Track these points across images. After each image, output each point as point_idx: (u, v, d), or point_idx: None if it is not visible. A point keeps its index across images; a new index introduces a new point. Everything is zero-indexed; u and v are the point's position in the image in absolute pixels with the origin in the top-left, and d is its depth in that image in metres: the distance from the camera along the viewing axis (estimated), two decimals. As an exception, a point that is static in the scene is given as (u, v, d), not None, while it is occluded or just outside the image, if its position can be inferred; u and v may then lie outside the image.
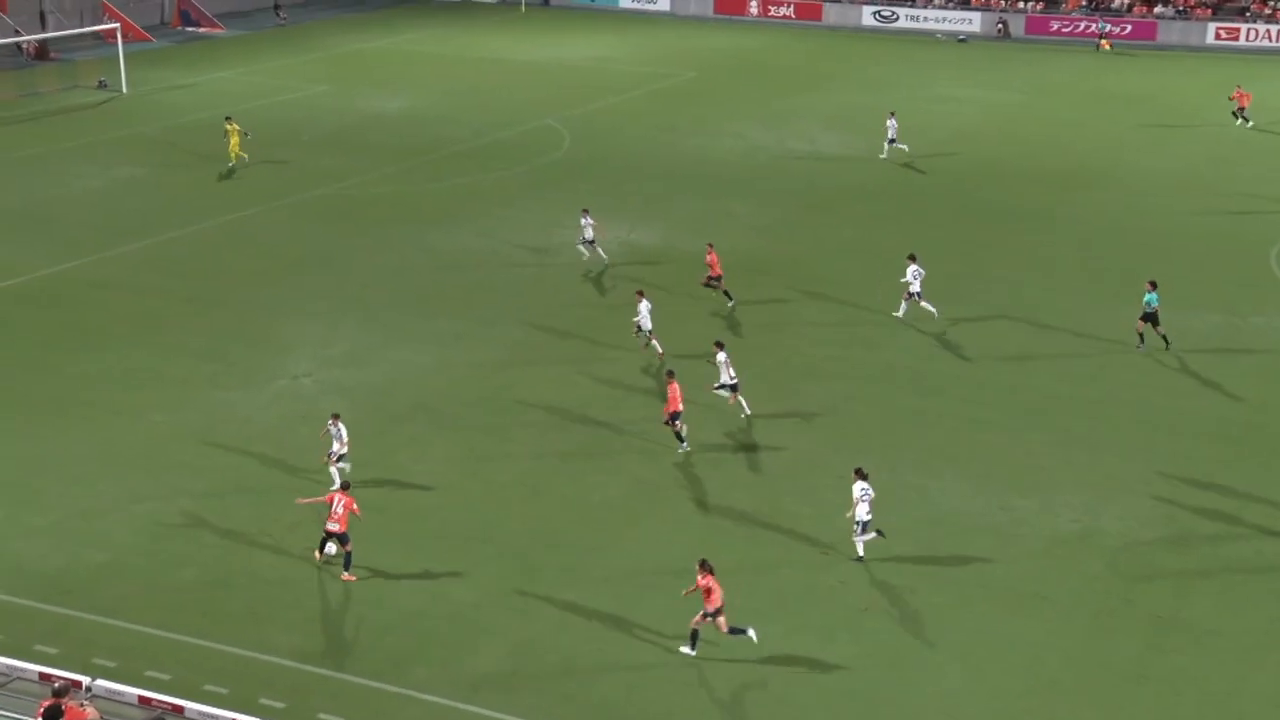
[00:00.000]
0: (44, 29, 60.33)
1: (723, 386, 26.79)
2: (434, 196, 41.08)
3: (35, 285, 32.72)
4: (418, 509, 23.45)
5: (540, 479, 24.58)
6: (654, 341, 29.42)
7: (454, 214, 39.26)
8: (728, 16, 75.36)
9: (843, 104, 54.58)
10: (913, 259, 31.66)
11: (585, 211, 35.51)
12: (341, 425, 23.72)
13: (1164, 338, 30.01)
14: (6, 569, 21.17)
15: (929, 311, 31.41)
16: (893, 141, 45.90)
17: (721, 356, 26.70)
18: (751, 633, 19.57)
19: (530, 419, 26.83)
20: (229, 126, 43.68)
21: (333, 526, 21.22)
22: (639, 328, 29.43)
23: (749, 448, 25.92)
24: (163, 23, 67.22)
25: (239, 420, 26.36)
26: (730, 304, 31.81)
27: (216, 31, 66.32)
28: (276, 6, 72.05)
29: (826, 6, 74.43)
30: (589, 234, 35.08)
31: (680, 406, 25.19)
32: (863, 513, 21.77)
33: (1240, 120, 50.57)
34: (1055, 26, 70.88)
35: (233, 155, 43.11)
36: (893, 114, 46.67)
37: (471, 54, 63.83)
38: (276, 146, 46.14)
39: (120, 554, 21.73)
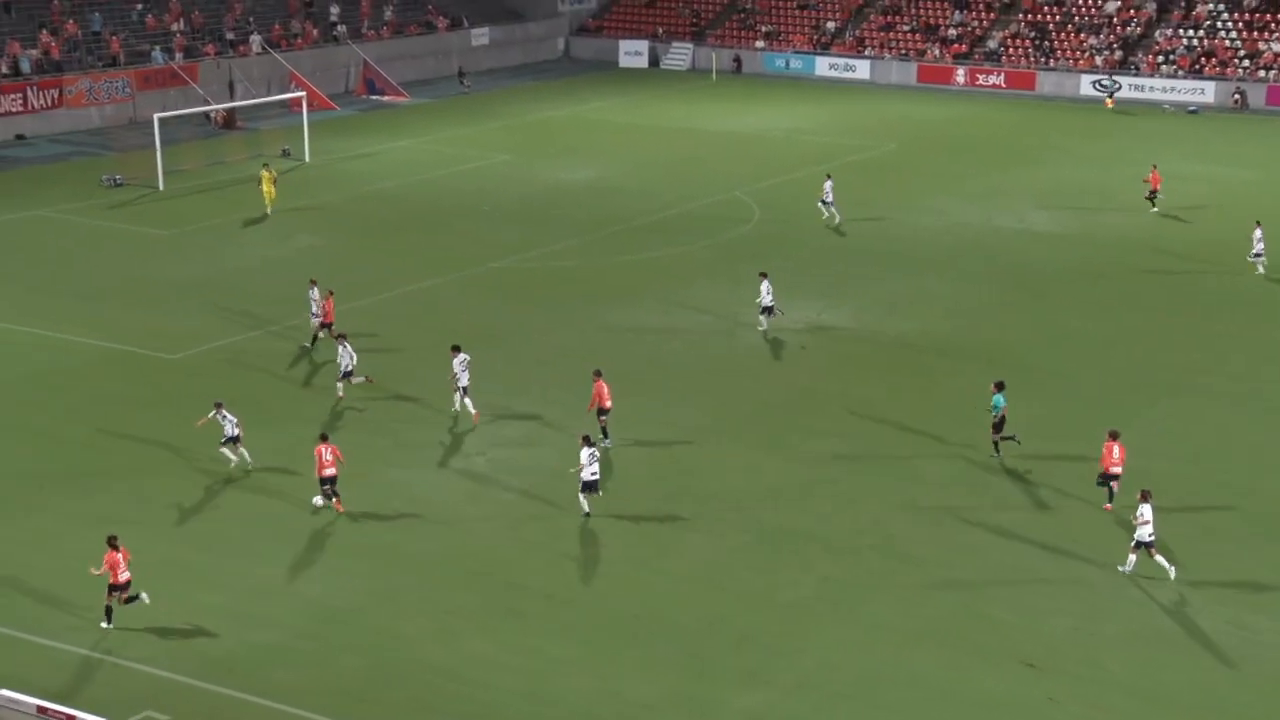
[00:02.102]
0: (232, 98, 63.50)
1: None
2: (616, 271, 41.58)
3: (210, 356, 34.06)
4: (592, 599, 23.45)
5: (721, 571, 24.37)
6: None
7: (636, 289, 39.66)
8: (932, 85, 75.01)
9: (1057, 180, 53.62)
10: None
11: (764, 275, 35.89)
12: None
13: (1013, 439, 28.27)
14: (175, 646, 21.85)
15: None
16: (827, 203, 46.24)
17: None
18: None
19: (711, 506, 26.69)
20: (264, 174, 46.46)
21: (329, 472, 25.55)
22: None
23: (953, 549, 25.26)
24: (347, 91, 70.09)
25: (409, 499, 26.86)
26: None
27: (401, 100, 68.84)
28: (460, 74, 74.48)
29: (1040, 75, 73.52)
30: (767, 300, 35.38)
31: (608, 404, 28.32)
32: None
33: (1153, 204, 48.06)
34: (1299, 97, 68.65)
35: (268, 203, 46.13)
36: (829, 176, 47.05)
37: (659, 123, 64.85)
38: (457, 217, 47.46)
39: (287, 636, 22.23)
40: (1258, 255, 41.16)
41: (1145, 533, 23.68)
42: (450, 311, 37.71)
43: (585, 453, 25.88)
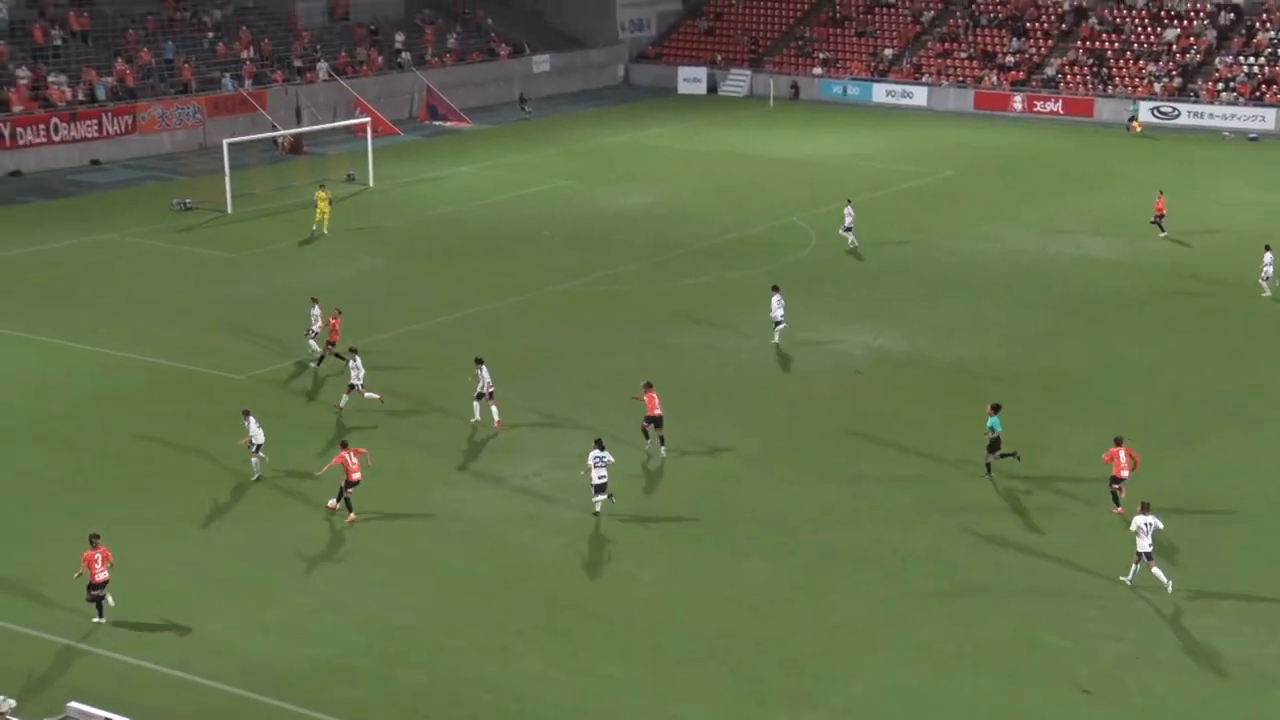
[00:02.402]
0: (299, 124, 64.35)
1: None
2: (673, 295, 41.68)
3: (274, 377, 34.47)
4: (644, 620, 23.49)
5: (772, 593, 24.34)
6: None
7: (693, 313, 39.74)
8: (989, 112, 74.66)
9: (1115, 206, 53.20)
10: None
11: (775, 289, 36.65)
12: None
13: (1014, 455, 28.55)
14: (235, 662, 22.10)
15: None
16: (848, 229, 46.33)
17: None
18: None
19: (763, 527, 26.68)
20: (320, 194, 47.51)
21: (356, 476, 26.32)
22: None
23: (1007, 573, 25.09)
24: (411, 117, 70.80)
25: (466, 519, 27.05)
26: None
27: (463, 125, 69.44)
28: (522, 100, 75.03)
29: (1099, 102, 73.00)
30: (779, 313, 36.37)
31: (656, 413, 29.06)
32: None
33: (1159, 228, 48.05)
34: (1360, 123, 67.73)
35: (322, 224, 47.17)
36: (849, 201, 47.16)
37: (717, 149, 64.99)
38: (517, 242, 47.79)
39: (345, 652, 22.43)
40: (1267, 278, 41.25)
41: (1144, 544, 23.93)
42: (509, 334, 37.95)
43: (592, 455, 26.75)
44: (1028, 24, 79.66)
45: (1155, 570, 24.04)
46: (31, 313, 39.02)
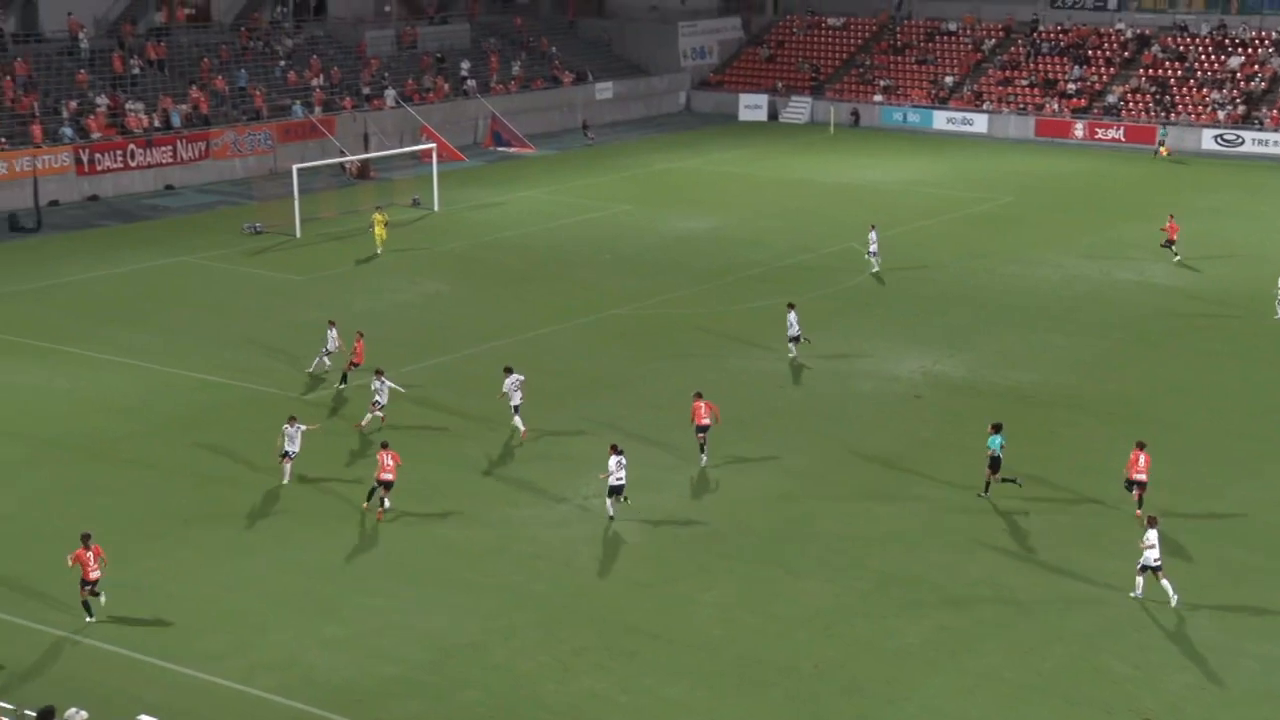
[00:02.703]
0: (366, 149, 65.03)
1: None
2: (733, 318, 41.61)
3: (334, 398, 34.72)
4: (705, 642, 23.37)
5: (832, 616, 24.14)
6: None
7: (752, 337, 39.64)
8: (1050, 139, 74.08)
9: (1178, 234, 52.47)
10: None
11: (791, 306, 37.39)
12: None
13: (1014, 481, 28.57)
14: (299, 677, 22.22)
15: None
16: (872, 254, 46.10)
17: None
18: None
19: (823, 551, 26.49)
20: (378, 216, 48.58)
21: (387, 476, 27.24)
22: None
23: (1070, 601, 24.75)
24: (475, 143, 71.33)
25: (526, 539, 27.07)
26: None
27: (526, 151, 69.85)
28: (584, 127, 75.40)
29: (1161, 129, 72.21)
30: (794, 330, 37.00)
31: (704, 422, 29.84)
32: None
33: (1173, 252, 47.95)
34: None
35: (379, 244, 48.22)
36: (873, 227, 46.94)
37: (778, 175, 64.91)
38: (578, 265, 47.93)
39: (408, 669, 22.48)
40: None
41: (1151, 557, 24.08)
42: (571, 357, 38.02)
43: (613, 460, 27.29)
44: (1090, 52, 79.04)
45: (1164, 582, 24.08)
46: (107, 334, 39.60)
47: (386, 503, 27.79)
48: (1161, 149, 69.34)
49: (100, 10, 66.30)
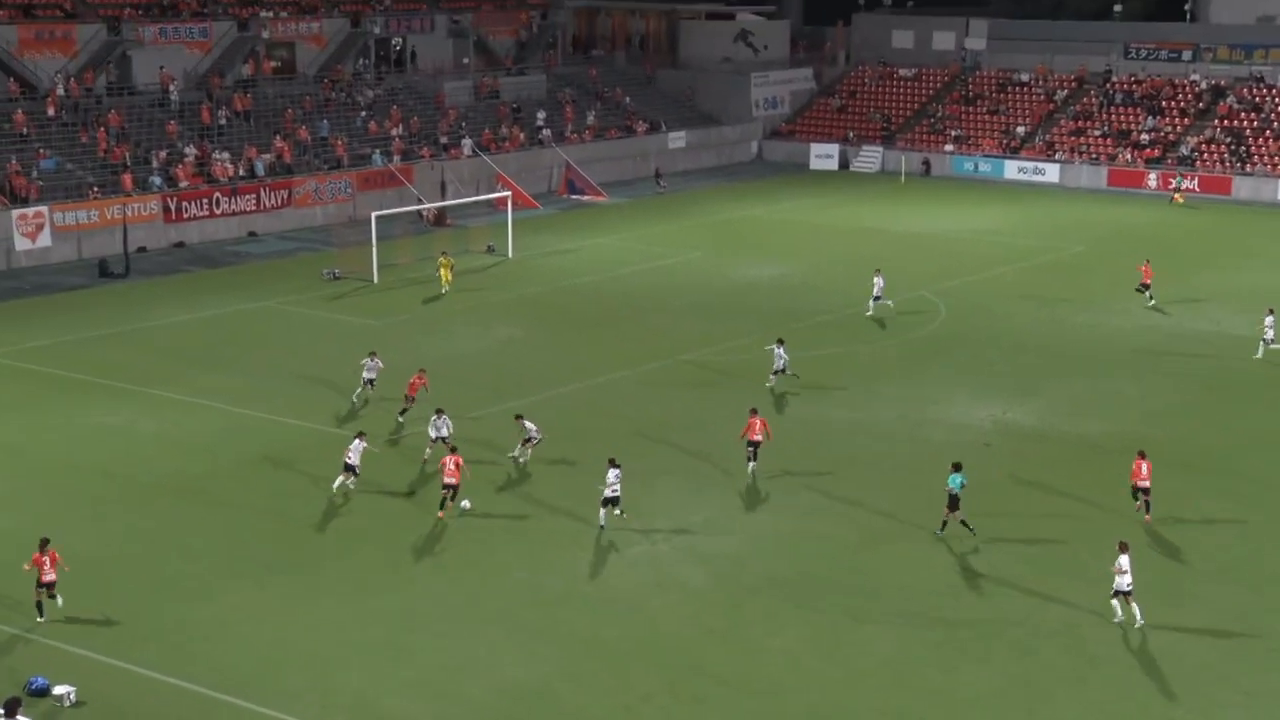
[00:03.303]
0: (443, 197, 65.81)
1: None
2: (803, 365, 41.42)
3: (416, 441, 34.97)
4: (773, 688, 23.16)
5: (903, 666, 23.84)
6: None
7: (822, 384, 39.45)
8: (1122, 189, 73.33)
9: (1253, 284, 51.73)
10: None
11: (780, 341, 38.40)
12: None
13: (964, 522, 28.53)
14: (371, 717, 22.28)
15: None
16: (877, 299, 46.34)
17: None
18: None
19: (891, 598, 26.20)
20: (442, 260, 50.07)
21: (449, 480, 29.04)
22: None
23: (1145, 655, 24.26)
24: (550, 191, 71.91)
25: (595, 583, 27.03)
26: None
27: (600, 199, 70.29)
28: (657, 175, 75.77)
29: (1236, 180, 71.29)
30: (779, 364, 38.20)
31: (757, 438, 31.43)
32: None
33: (1147, 296, 48.04)
34: None
35: (445, 284, 49.85)
36: (878, 271, 47.11)
37: (848, 223, 64.78)
38: (649, 312, 48.04)
39: (479, 713, 22.46)
40: (1270, 341, 41.84)
41: (1124, 582, 24.74)
42: (640, 402, 38.05)
43: (611, 474, 28.54)
44: (1164, 102, 78.27)
45: (1134, 607, 24.69)
46: (190, 376, 40.23)
47: (458, 504, 29.53)
48: (1176, 195, 68.86)
49: (190, 64, 67.89)
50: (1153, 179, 72.96)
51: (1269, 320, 41.84)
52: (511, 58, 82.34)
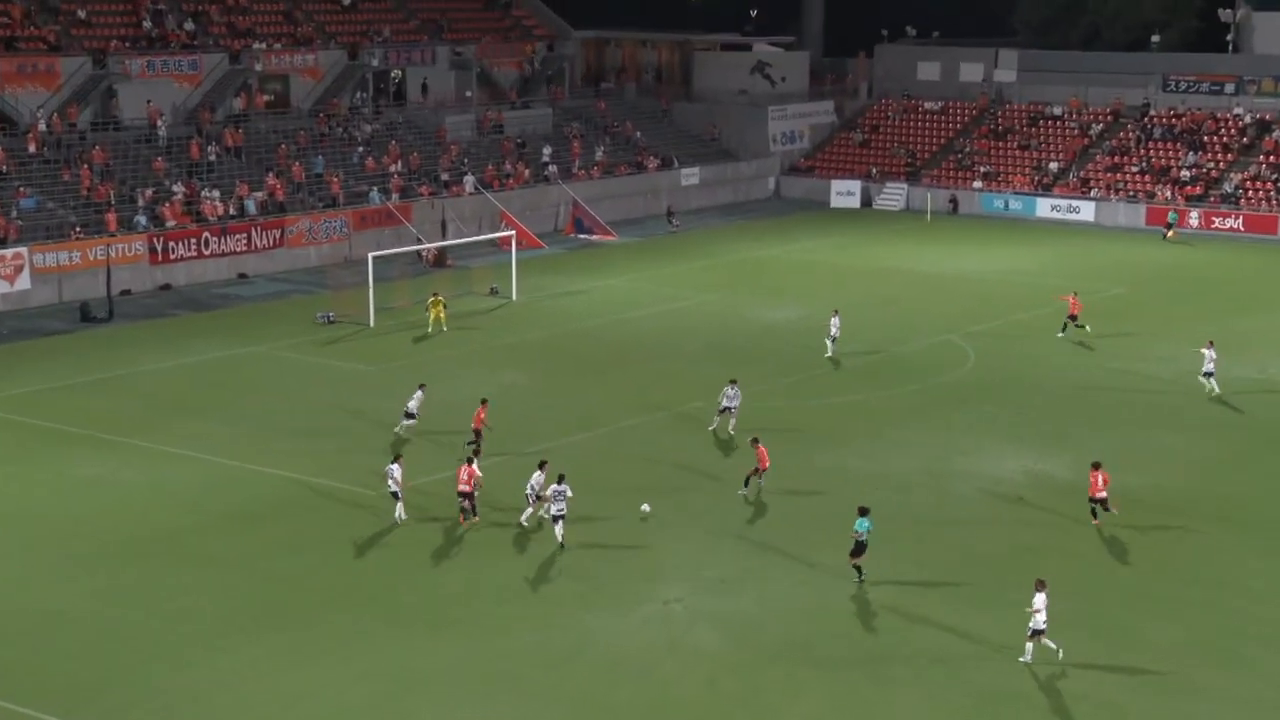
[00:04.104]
0: (444, 236, 66.12)
1: None
2: (821, 413, 41.55)
3: (414, 495, 35.04)
4: (789, 758, 23.08)
5: (929, 736, 23.75)
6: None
7: (842, 433, 39.49)
8: (1162, 229, 73.41)
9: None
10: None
11: (733, 382, 39.23)
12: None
13: (857, 569, 29.38)
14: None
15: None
16: (833, 339, 47.02)
17: None
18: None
19: (918, 664, 26.12)
20: (434, 299, 51.18)
21: (462, 488, 31.91)
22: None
23: (1184, 716, 24.15)
24: (556, 230, 72.28)
25: (602, 645, 27.00)
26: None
27: (609, 239, 70.62)
28: (669, 214, 76.08)
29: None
30: (725, 403, 38.89)
31: (765, 466, 34.12)
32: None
33: (1072, 328, 49.75)
34: None
35: (440, 324, 50.93)
36: (836, 312, 48.19)
37: (870, 264, 65.02)
38: (661, 357, 48.19)
39: (476, 778, 22.42)
40: (1208, 374, 42.85)
41: (1039, 620, 25.63)
42: (652, 451, 38.09)
43: (552, 489, 31.07)
44: (1205, 137, 78.51)
45: (1046, 642, 25.66)
46: (175, 425, 40.39)
47: (470, 514, 32.18)
48: (1169, 232, 69.50)
49: (179, 98, 68.53)
50: (1194, 218, 73.11)
51: (1208, 353, 42.94)
52: (516, 91, 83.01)
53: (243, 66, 70.55)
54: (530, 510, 32.21)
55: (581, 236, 71.31)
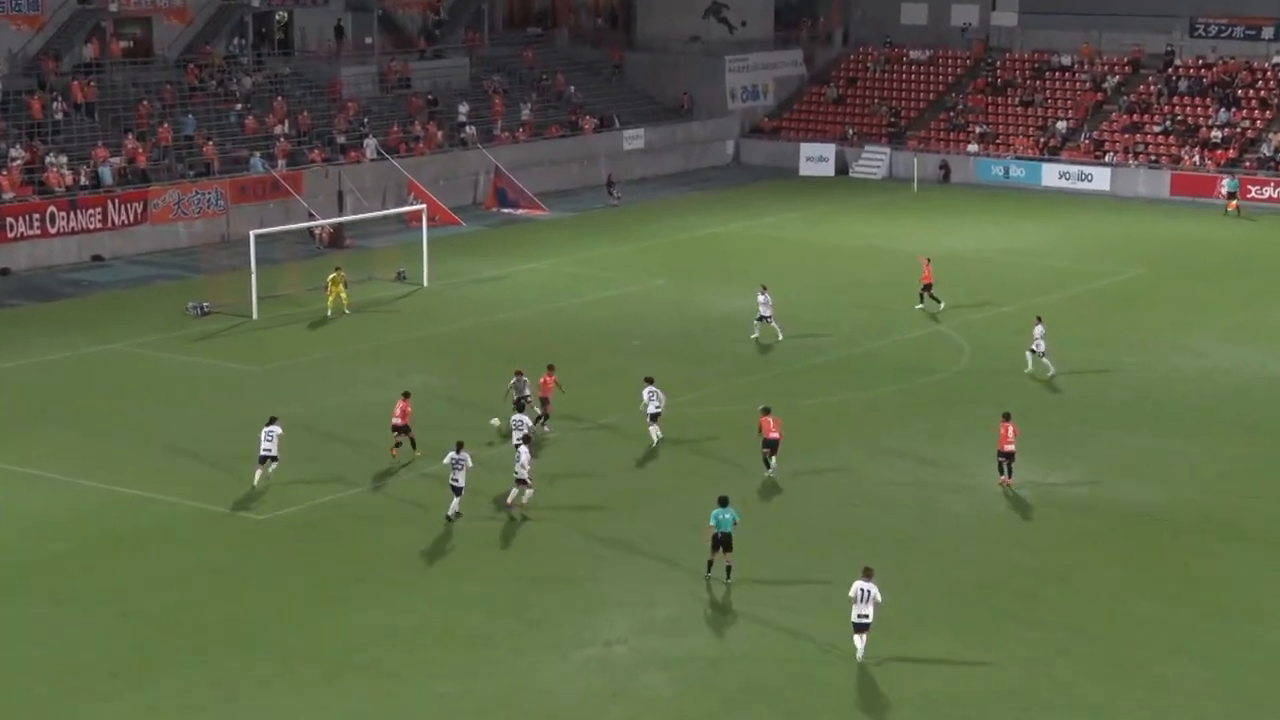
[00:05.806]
0: (340, 212, 66.08)
1: None
2: (792, 418, 41.94)
3: (304, 516, 35.24)
4: (753, 821, 23.54)
5: (915, 793, 24.28)
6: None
7: (816, 441, 40.00)
8: (1188, 199, 74.60)
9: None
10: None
11: (649, 380, 40.04)
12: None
13: (728, 569, 31.16)
14: None
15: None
16: (763, 319, 49.46)
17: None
18: None
19: (905, 712, 26.62)
20: (335, 276, 52.32)
21: (396, 421, 37.26)
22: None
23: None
24: (475, 203, 72.46)
25: (537, 693, 27.31)
26: None
27: (537, 213, 70.86)
28: (609, 184, 76.28)
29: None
30: (653, 407, 39.58)
31: (773, 435, 36.83)
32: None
33: (929, 300, 52.33)
34: None
35: (342, 306, 52.17)
36: (764, 288, 49.94)
37: (847, 242, 65.69)
38: (599, 353, 48.55)
39: None
40: (1037, 350, 45.69)
41: (856, 613, 27.88)
42: (585, 467, 38.43)
43: (449, 457, 34.32)
44: (1240, 91, 79.62)
45: (859, 638, 27.69)
46: (22, 438, 40.30)
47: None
48: (1232, 203, 70.26)
49: (16, 43, 67.97)
50: (1225, 185, 74.30)
51: (1038, 330, 45.41)
52: (425, 38, 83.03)
53: (95, 6, 70.19)
54: (515, 491, 35.00)
55: (505, 211, 71.52)
